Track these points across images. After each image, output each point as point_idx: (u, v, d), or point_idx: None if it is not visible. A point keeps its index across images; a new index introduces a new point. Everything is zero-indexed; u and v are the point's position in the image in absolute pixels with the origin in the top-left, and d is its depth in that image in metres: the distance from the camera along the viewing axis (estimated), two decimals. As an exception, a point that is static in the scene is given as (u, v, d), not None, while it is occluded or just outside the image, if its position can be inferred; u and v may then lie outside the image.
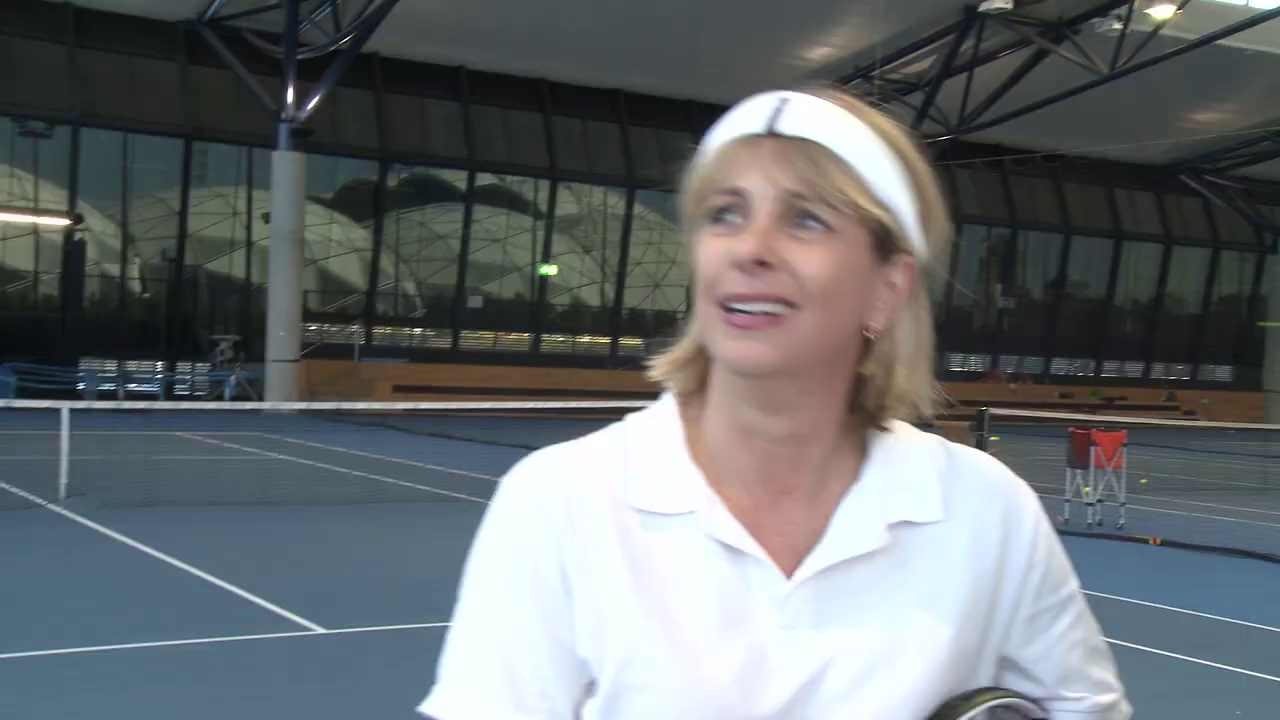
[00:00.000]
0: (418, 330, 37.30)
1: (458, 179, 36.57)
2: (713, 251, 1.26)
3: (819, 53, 35.19)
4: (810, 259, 1.22)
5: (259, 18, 29.78)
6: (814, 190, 1.23)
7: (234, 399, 28.57)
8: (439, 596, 6.58)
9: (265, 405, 25.14)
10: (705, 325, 1.28)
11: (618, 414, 1.39)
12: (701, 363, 1.35)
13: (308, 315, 32.11)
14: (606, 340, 38.75)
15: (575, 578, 1.29)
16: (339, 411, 24.47)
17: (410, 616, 8.66)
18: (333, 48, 28.79)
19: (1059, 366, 45.79)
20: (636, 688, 1.28)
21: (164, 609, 9.02)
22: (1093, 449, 14.78)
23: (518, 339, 38.05)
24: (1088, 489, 14.66)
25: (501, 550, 1.36)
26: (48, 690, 7.01)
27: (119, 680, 7.21)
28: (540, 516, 1.32)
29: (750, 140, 1.26)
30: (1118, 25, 32.20)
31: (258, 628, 8.33)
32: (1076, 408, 34.37)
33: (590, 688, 1.30)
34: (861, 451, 1.36)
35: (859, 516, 1.32)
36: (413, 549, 11.83)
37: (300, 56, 28.71)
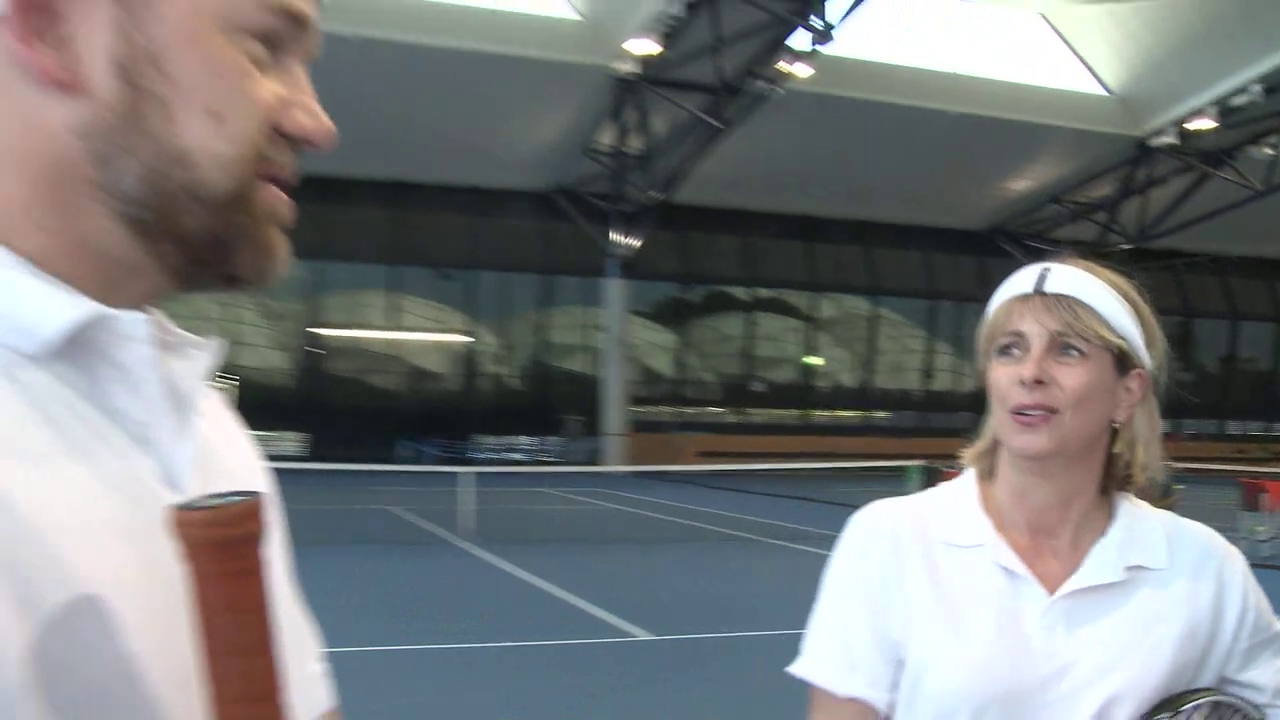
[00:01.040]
0: (714, 409, 37.33)
1: (741, 293, 36.66)
2: (1003, 375, 1.42)
3: (1021, 184, 33.99)
4: (1071, 377, 1.39)
5: (593, 184, 30.52)
6: (1072, 329, 1.40)
7: (581, 463, 29.05)
8: (737, 612, 6.59)
9: (603, 468, 25.45)
10: (999, 425, 1.44)
11: (869, 472, 1.62)
12: (993, 451, 1.49)
13: (633, 400, 32.45)
14: (860, 413, 38.04)
15: (894, 586, 1.44)
16: (657, 472, 24.51)
17: (717, 627, 8.60)
18: (647, 202, 29.27)
19: (1232, 428, 42.59)
20: (932, 666, 1.41)
21: (530, 616, 9.12)
22: (1262, 495, 13.74)
23: (791, 414, 37.67)
24: (1260, 528, 13.58)
25: (846, 564, 1.50)
26: (465, 672, 7.19)
27: (487, 670, 7.32)
28: (873, 542, 1.48)
29: (1025, 298, 1.43)
30: (1269, 151, 30.21)
31: (597, 634, 8.34)
32: (1248, 461, 32.01)
33: (900, 664, 1.44)
34: (1110, 513, 1.48)
35: (1105, 558, 1.43)
36: (715, 575, 11.68)
37: (624, 209, 29.30)
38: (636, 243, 29.64)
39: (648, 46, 25.07)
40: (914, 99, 28.70)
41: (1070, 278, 1.44)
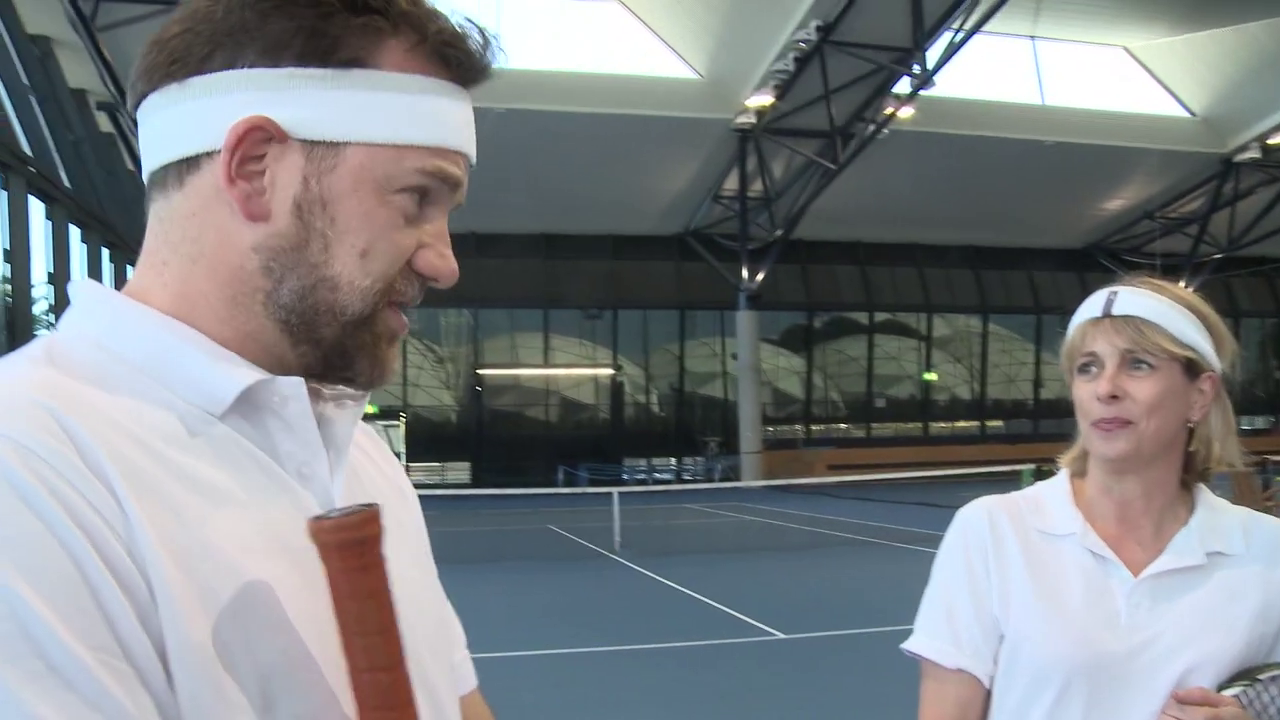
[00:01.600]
0: (841, 425, 36.86)
1: (861, 317, 36.18)
2: (1084, 391, 1.47)
3: (1115, 204, 32.90)
4: (1143, 389, 1.42)
5: (721, 226, 30.62)
6: (1140, 346, 1.43)
7: (720, 480, 28.97)
8: (867, 609, 6.50)
9: (740, 483, 25.32)
10: (1085, 434, 1.49)
11: (985, 477, 1.71)
12: (1084, 455, 1.54)
13: (765, 420, 32.22)
14: (976, 423, 37.07)
15: (993, 569, 1.50)
16: (789, 485, 24.21)
17: (847, 624, 8.52)
18: (770, 239, 29.20)
19: (1332, 422, 40.22)
20: (1028, 638, 1.46)
21: (678, 620, 9.16)
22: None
23: (912, 426, 36.92)
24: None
25: (951, 552, 1.56)
26: (622, 671, 7.23)
27: (641, 669, 7.34)
28: (974, 530, 1.54)
29: (1096, 321, 1.47)
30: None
31: (738, 634, 8.32)
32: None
33: (1000, 639, 1.49)
34: (1191, 504, 1.51)
35: (1186, 544, 1.46)
36: (846, 577, 11.57)
37: (750, 247, 29.26)
38: (763, 276, 29.54)
39: (764, 99, 25.11)
40: (1011, 132, 28.21)
41: (1135, 299, 1.46)
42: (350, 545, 0.69)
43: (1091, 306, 1.49)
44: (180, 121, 0.77)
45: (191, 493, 0.71)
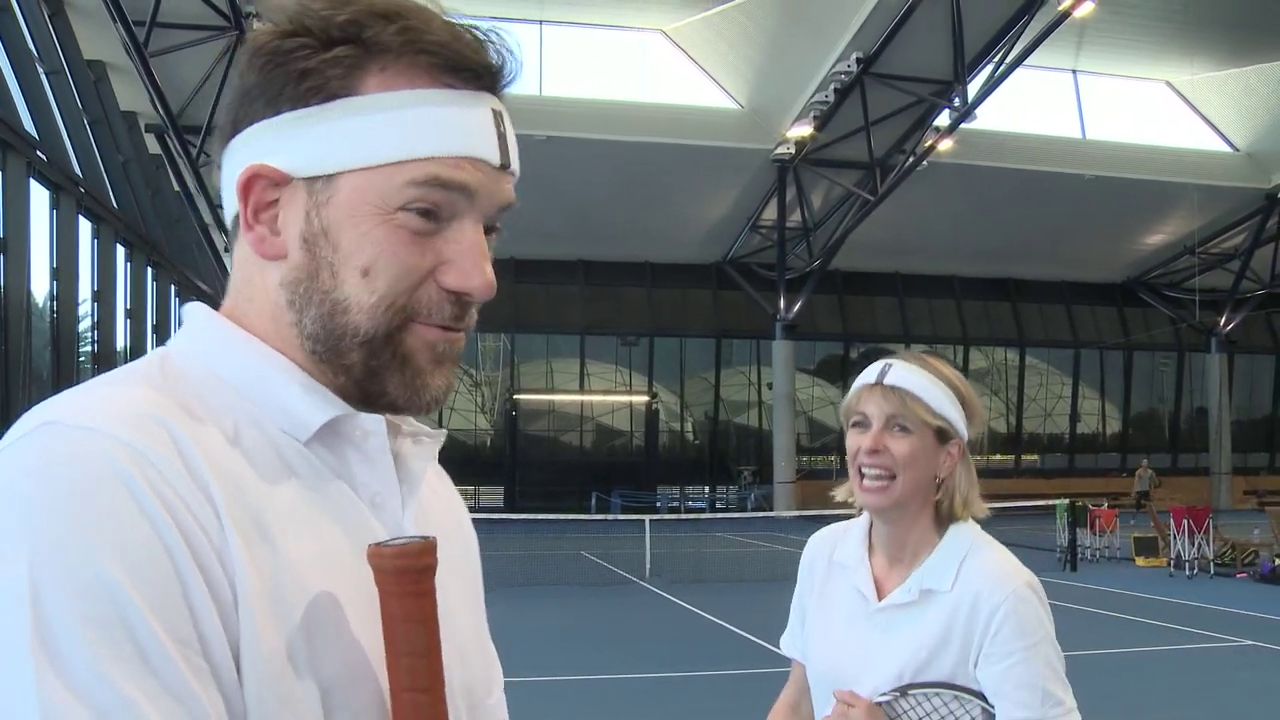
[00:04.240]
0: (876, 456, 36.46)
1: (898, 348, 34.87)
2: (853, 442, 1.76)
3: (1155, 238, 32.53)
4: (901, 448, 1.72)
5: (759, 255, 30.65)
6: (901, 412, 1.72)
7: (753, 509, 28.84)
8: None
9: (774, 513, 25.19)
10: (851, 480, 1.77)
11: (1019, 511, 2.13)
12: None
13: (800, 450, 32.04)
14: (1011, 458, 36.67)
15: (812, 587, 1.90)
16: (823, 516, 23.97)
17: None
18: (808, 269, 29.14)
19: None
20: (813, 641, 1.86)
21: (708, 649, 9.15)
22: None
23: (948, 459, 36.55)
24: None
25: (800, 567, 1.95)
26: (651, 699, 7.20)
27: (671, 696, 7.29)
28: (808, 553, 1.94)
29: (870, 387, 1.76)
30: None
31: (765, 663, 8.21)
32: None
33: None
34: (935, 545, 1.77)
35: (908, 584, 1.74)
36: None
37: (787, 277, 29.21)
38: (800, 306, 29.48)
39: (804, 130, 25.14)
40: (1052, 165, 28.03)
41: (903, 373, 1.74)
42: (406, 572, 0.74)
43: (868, 374, 1.77)
44: (225, 181, 0.85)
45: (275, 511, 0.77)
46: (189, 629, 0.69)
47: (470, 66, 0.81)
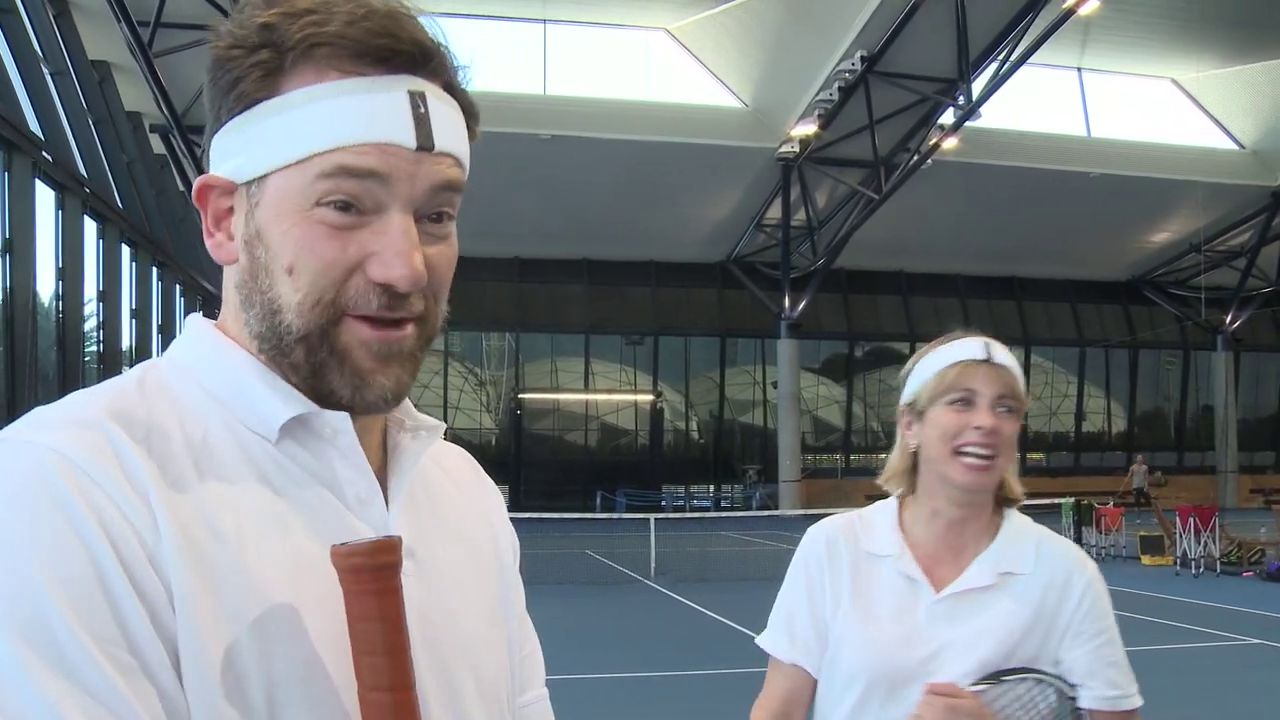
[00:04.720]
0: (881, 455, 36.49)
1: (903, 347, 35.81)
2: (954, 420, 1.69)
3: (1161, 236, 32.47)
4: (1008, 429, 1.69)
5: (763, 254, 30.61)
6: (1009, 393, 1.70)
7: (758, 508, 28.81)
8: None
9: (779, 512, 25.16)
10: (939, 460, 1.69)
11: (1025, 510, 1.83)
12: (911, 475, 1.78)
13: (805, 449, 32.03)
14: (1016, 456, 36.61)
15: (828, 583, 1.76)
16: (827, 514, 23.90)
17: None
18: (812, 268, 29.11)
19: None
20: (844, 643, 1.71)
21: (712, 647, 9.13)
22: None
23: (953, 458, 36.52)
24: None
25: (795, 565, 1.83)
26: (656, 697, 7.19)
27: (675, 695, 7.28)
28: (812, 550, 1.81)
29: (976, 363, 1.70)
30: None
31: (768, 663, 8.24)
32: None
33: (828, 639, 1.75)
34: (997, 529, 1.74)
35: (981, 567, 1.69)
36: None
37: (792, 275, 29.18)
38: (804, 305, 29.46)
39: (808, 129, 25.13)
40: (1056, 163, 27.98)
41: (1004, 354, 1.72)
42: (361, 570, 0.74)
43: (970, 349, 1.72)
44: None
45: (238, 513, 0.77)
46: (113, 628, 0.70)
47: (373, 52, 0.79)
